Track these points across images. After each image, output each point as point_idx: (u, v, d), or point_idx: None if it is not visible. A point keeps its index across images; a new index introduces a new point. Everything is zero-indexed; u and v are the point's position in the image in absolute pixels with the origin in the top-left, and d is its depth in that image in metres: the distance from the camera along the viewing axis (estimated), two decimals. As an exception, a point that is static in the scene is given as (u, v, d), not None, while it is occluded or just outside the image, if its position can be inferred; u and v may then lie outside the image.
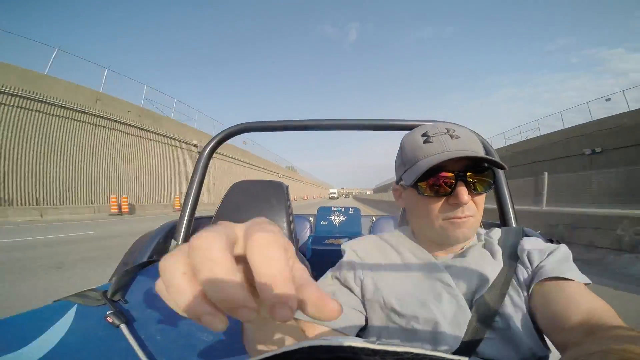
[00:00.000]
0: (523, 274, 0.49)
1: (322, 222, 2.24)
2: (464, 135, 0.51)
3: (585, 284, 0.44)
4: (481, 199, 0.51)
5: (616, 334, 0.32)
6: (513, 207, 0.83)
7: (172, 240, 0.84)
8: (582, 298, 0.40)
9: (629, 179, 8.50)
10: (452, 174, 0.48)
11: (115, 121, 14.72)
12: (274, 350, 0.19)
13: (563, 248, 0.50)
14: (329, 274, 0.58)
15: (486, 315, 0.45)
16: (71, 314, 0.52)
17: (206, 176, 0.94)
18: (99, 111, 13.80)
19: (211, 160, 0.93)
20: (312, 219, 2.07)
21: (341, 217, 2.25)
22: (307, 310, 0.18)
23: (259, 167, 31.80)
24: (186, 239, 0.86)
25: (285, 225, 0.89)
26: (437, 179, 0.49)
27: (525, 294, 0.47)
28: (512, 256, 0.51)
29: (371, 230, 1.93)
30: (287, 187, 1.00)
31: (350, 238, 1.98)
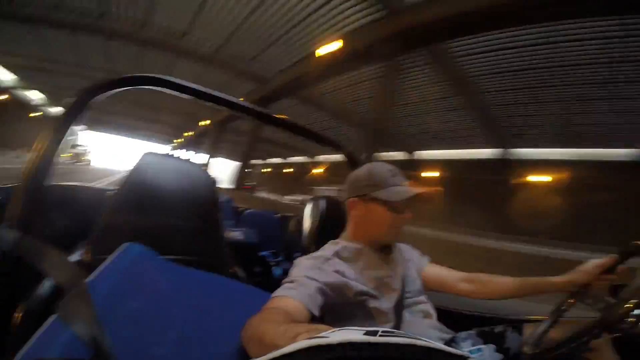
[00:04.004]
0: (412, 262, 0.84)
1: None
2: None
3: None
4: None
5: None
6: None
7: (1, 225, 0.53)
8: (446, 269, 0.86)
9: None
10: (409, 202, 0.74)
11: None
12: (270, 354, 0.19)
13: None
14: (301, 276, 0.64)
15: (405, 283, 0.75)
16: None
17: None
18: None
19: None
20: None
21: None
22: None
23: None
24: (27, 221, 0.54)
25: (213, 221, 0.69)
26: (403, 202, 0.73)
27: (415, 270, 0.82)
28: (402, 250, 0.86)
29: (241, 220, 1.88)
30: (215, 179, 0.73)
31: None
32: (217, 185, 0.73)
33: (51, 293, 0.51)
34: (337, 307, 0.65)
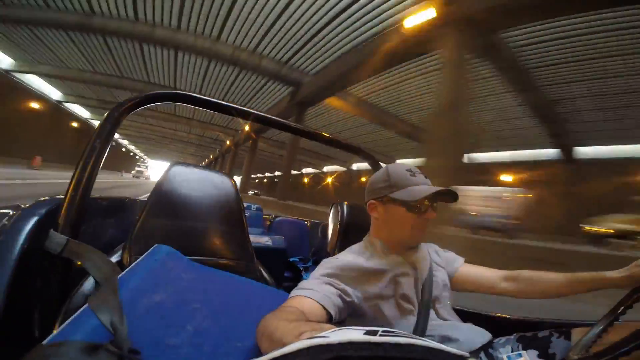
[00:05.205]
0: (439, 262, 0.81)
1: None
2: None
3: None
4: None
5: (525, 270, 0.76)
6: None
7: (51, 230, 0.57)
8: (484, 268, 0.81)
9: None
10: (429, 201, 0.71)
11: None
12: (271, 353, 0.19)
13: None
14: (320, 277, 0.65)
15: (428, 286, 0.73)
16: None
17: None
18: None
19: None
20: None
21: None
22: None
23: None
24: (74, 227, 0.60)
25: (238, 225, 0.71)
26: (422, 202, 0.70)
27: (445, 273, 0.79)
28: (431, 252, 0.83)
29: (271, 228, 1.92)
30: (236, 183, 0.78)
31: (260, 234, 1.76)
32: (239, 192, 0.76)
33: (92, 289, 0.56)
34: (358, 309, 0.65)
